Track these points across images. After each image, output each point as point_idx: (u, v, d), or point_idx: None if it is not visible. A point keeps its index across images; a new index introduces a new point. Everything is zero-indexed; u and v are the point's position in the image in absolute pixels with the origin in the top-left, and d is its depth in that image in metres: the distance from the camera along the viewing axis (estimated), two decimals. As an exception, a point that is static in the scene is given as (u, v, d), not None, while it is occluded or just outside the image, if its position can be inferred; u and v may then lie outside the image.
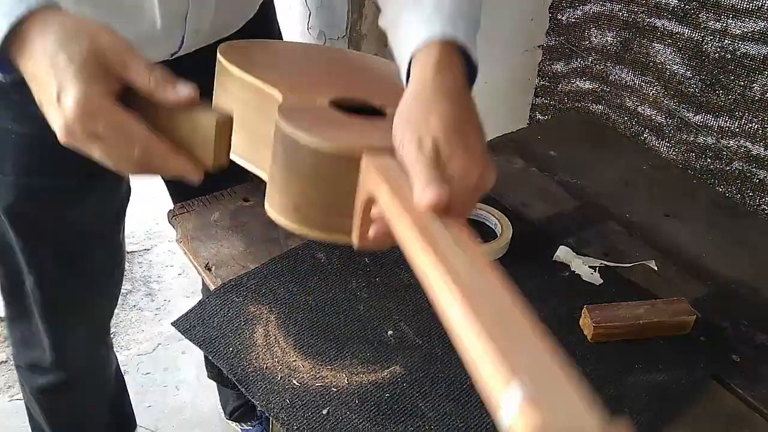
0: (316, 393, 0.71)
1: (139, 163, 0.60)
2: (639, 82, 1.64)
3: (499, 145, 1.18)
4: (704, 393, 0.76)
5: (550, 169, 1.13)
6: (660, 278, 0.91)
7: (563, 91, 1.84)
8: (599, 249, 0.95)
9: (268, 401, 0.71)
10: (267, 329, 0.78)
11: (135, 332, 1.95)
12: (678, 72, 1.54)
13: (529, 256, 0.91)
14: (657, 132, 1.64)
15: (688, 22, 1.48)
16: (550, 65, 1.84)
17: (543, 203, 1.04)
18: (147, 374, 1.84)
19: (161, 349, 1.91)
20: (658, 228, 1.01)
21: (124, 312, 1.99)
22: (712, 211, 1.06)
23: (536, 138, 1.21)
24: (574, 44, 1.75)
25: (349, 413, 0.69)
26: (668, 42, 1.54)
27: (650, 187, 1.11)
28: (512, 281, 0.44)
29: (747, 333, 0.84)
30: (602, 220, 1.01)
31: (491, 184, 0.58)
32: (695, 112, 1.55)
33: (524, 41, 1.82)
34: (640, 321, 0.79)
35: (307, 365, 0.74)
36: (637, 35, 1.59)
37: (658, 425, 0.71)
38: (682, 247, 0.98)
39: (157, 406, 1.76)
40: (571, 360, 0.36)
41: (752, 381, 0.77)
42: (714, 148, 1.54)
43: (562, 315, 0.83)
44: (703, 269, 0.94)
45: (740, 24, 1.40)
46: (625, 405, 0.72)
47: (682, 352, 0.79)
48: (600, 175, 1.12)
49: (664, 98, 1.60)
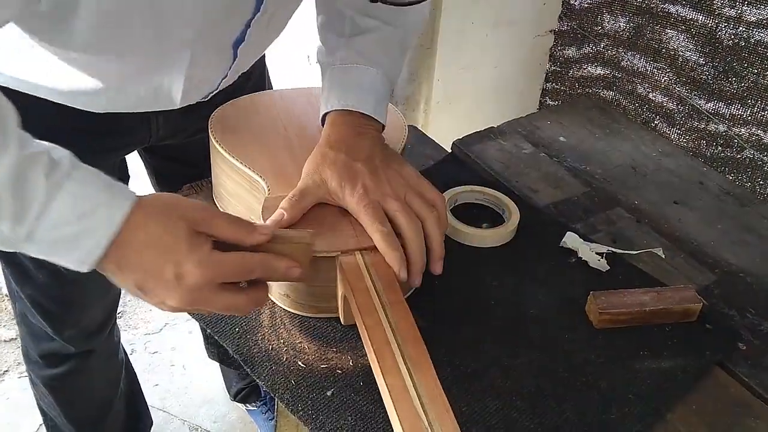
0: (322, 374, 0.72)
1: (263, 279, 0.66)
2: (651, 69, 1.63)
3: (508, 129, 1.17)
4: (710, 380, 0.76)
5: (558, 154, 1.12)
6: (667, 265, 0.91)
7: (574, 77, 1.83)
8: (607, 235, 0.95)
9: (274, 382, 0.71)
10: (273, 310, 0.79)
11: (143, 312, 1.97)
12: (691, 59, 1.53)
13: (537, 241, 0.91)
14: (668, 119, 1.63)
15: (703, 9, 1.47)
16: (562, 50, 1.83)
17: (551, 189, 1.04)
18: (154, 353, 1.85)
19: (168, 329, 1.93)
20: (666, 215, 1.01)
21: (133, 292, 2.00)
22: (721, 198, 1.06)
23: (546, 123, 1.20)
24: (586, 29, 1.73)
25: (354, 395, 0.70)
26: (681, 28, 1.52)
27: (659, 174, 1.10)
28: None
29: (753, 321, 0.84)
30: (610, 206, 1.01)
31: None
32: (707, 100, 1.54)
33: (536, 26, 1.80)
34: (646, 308, 0.79)
35: (312, 347, 0.75)
36: (650, 21, 1.58)
37: (663, 412, 0.71)
38: (690, 234, 0.98)
39: (164, 385, 1.77)
40: (577, 346, 0.36)
41: (758, 369, 0.77)
42: (725, 135, 1.53)
43: (568, 301, 0.82)
44: (710, 257, 0.94)
45: (755, 11, 1.39)
46: (630, 391, 0.72)
47: (688, 340, 0.79)
48: (609, 162, 1.12)
49: (676, 85, 1.58)
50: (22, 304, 1.08)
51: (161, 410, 1.71)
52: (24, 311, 1.10)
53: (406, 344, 0.63)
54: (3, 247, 0.60)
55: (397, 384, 0.60)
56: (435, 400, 0.58)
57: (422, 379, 0.60)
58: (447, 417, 0.57)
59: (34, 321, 1.09)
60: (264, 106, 0.93)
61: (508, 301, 0.82)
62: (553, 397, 0.71)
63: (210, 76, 0.86)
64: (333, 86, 0.83)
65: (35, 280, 1.01)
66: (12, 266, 1.02)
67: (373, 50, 0.85)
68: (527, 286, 0.84)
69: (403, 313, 0.66)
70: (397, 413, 0.57)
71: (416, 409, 0.57)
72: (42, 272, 1.00)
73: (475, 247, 0.89)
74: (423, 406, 0.58)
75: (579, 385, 0.73)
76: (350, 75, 0.83)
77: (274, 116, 0.91)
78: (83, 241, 0.59)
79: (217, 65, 0.84)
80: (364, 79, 0.83)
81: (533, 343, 0.77)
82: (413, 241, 0.72)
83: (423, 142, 1.13)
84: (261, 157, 0.82)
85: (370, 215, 0.72)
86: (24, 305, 1.08)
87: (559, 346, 0.77)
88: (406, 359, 0.62)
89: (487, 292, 0.83)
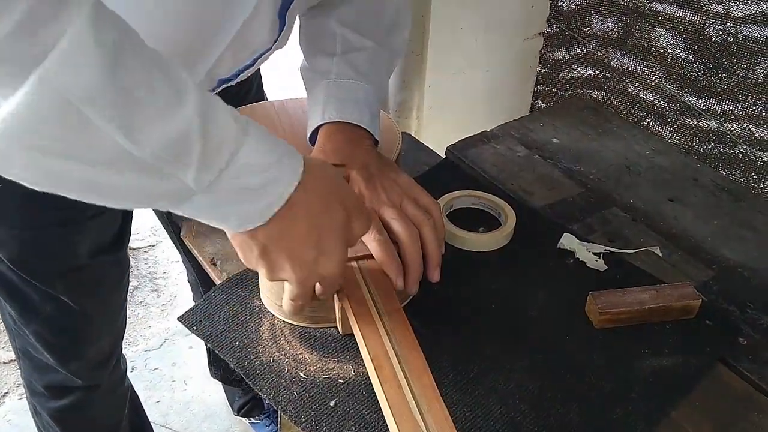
0: (324, 385, 0.71)
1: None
2: (641, 68, 1.63)
3: (501, 133, 1.18)
4: (711, 377, 0.76)
5: (552, 156, 1.12)
6: (665, 263, 0.91)
7: (565, 79, 1.83)
8: (603, 235, 0.95)
9: (276, 394, 0.71)
10: (273, 322, 0.78)
11: (142, 328, 1.96)
12: (680, 56, 1.54)
13: (534, 243, 0.91)
14: (660, 117, 1.64)
15: (690, 6, 1.48)
16: (551, 53, 1.83)
17: (546, 191, 1.04)
18: (155, 370, 1.85)
19: (168, 345, 1.92)
20: (662, 213, 1.01)
21: (131, 308, 1.99)
22: (716, 194, 1.06)
23: (538, 125, 1.21)
24: (575, 31, 1.74)
25: (357, 404, 0.69)
26: (670, 26, 1.53)
27: (653, 172, 1.10)
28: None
29: (753, 316, 0.84)
30: (606, 206, 1.01)
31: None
32: (698, 96, 1.54)
33: (525, 29, 1.81)
34: (645, 306, 0.79)
35: (313, 358, 0.74)
36: (639, 20, 1.58)
37: (665, 410, 0.71)
38: (687, 231, 0.98)
39: (165, 401, 1.77)
40: (578, 347, 0.36)
41: (759, 363, 0.77)
42: (717, 132, 1.53)
43: (567, 302, 0.82)
44: (707, 253, 0.94)
45: (742, 6, 1.40)
46: (632, 390, 0.72)
47: (689, 337, 0.79)
48: (603, 162, 1.12)
49: (667, 83, 1.59)
50: (24, 340, 1.06)
51: (164, 426, 1.70)
52: (26, 347, 1.08)
53: (403, 352, 0.63)
54: (170, 203, 0.53)
55: (395, 392, 0.60)
56: (433, 407, 0.58)
57: (420, 387, 0.60)
58: (446, 425, 0.57)
59: (38, 355, 1.07)
60: (262, 117, 0.93)
61: (507, 305, 0.82)
62: (555, 399, 0.71)
63: (255, 42, 0.79)
64: (329, 99, 0.83)
65: (41, 314, 1.00)
66: (16, 302, 0.99)
67: (367, 67, 0.86)
68: (526, 288, 0.84)
69: (400, 322, 0.66)
70: (395, 422, 0.57)
71: (415, 417, 0.57)
72: (50, 305, 0.99)
73: (472, 251, 0.89)
74: (421, 414, 0.58)
75: (581, 386, 0.73)
76: (346, 89, 0.84)
77: (273, 126, 0.91)
78: (270, 189, 0.56)
79: (267, 30, 0.78)
80: (360, 94, 0.84)
81: (534, 346, 0.77)
82: (410, 248, 0.72)
83: (417, 148, 1.13)
84: None
85: None
86: (26, 341, 1.06)
87: (560, 348, 0.77)
88: (403, 367, 0.62)
89: (486, 295, 0.83)
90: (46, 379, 1.12)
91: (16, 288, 0.97)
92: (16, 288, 0.97)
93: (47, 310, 0.99)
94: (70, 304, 1.00)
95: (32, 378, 1.14)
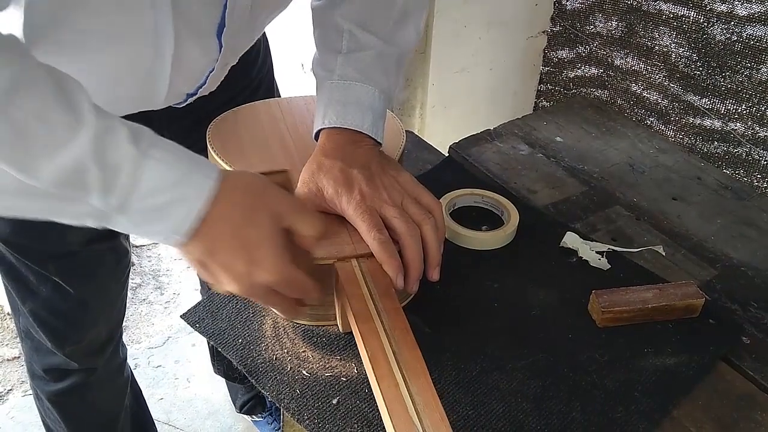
0: (326, 383, 0.72)
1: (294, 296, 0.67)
2: (644, 67, 1.63)
3: (504, 131, 1.18)
4: (714, 375, 0.76)
5: (556, 154, 1.12)
6: (668, 262, 0.91)
7: (568, 77, 1.83)
8: (606, 234, 0.95)
9: (279, 392, 0.71)
10: (276, 320, 0.79)
11: (145, 326, 1.96)
12: (683, 55, 1.54)
13: (537, 242, 0.91)
14: (663, 116, 1.64)
15: (693, 5, 1.47)
16: (555, 51, 1.83)
17: (549, 189, 1.04)
18: (158, 367, 1.85)
19: (172, 342, 1.92)
20: (665, 211, 1.01)
21: (134, 306, 2.00)
22: (720, 193, 1.06)
23: (542, 124, 1.21)
24: (578, 30, 1.74)
25: (359, 402, 0.70)
26: (673, 25, 1.53)
27: (657, 171, 1.10)
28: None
29: (756, 315, 0.84)
30: (609, 205, 1.01)
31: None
32: (701, 96, 1.54)
33: (528, 27, 1.81)
34: (648, 305, 0.79)
35: (316, 355, 0.75)
36: (642, 19, 1.58)
37: (669, 409, 0.71)
38: (690, 230, 0.98)
39: (168, 399, 1.77)
40: (581, 346, 0.36)
41: (762, 362, 0.77)
42: (721, 131, 1.53)
43: (570, 301, 0.83)
44: (711, 252, 0.94)
45: (746, 5, 1.39)
46: (635, 389, 0.72)
47: (692, 336, 0.79)
48: (606, 160, 1.12)
49: (670, 82, 1.59)
50: (25, 319, 1.08)
51: (167, 424, 1.70)
52: (27, 326, 1.10)
53: (401, 351, 0.63)
54: (95, 222, 0.59)
55: (392, 391, 0.59)
56: (430, 407, 0.58)
57: (418, 386, 0.60)
58: (442, 424, 0.57)
59: (37, 336, 1.09)
60: (263, 115, 0.93)
61: (510, 303, 0.82)
62: (558, 397, 0.71)
63: (197, 66, 0.83)
64: (331, 102, 0.83)
65: (38, 294, 1.01)
66: (14, 281, 1.02)
67: (372, 68, 0.84)
68: (529, 287, 0.84)
69: (399, 321, 0.66)
70: (391, 420, 0.57)
71: (411, 416, 0.57)
72: (45, 287, 1.00)
73: (475, 250, 0.89)
74: (418, 414, 0.57)
75: (584, 384, 0.73)
76: (348, 92, 0.83)
77: (274, 124, 0.91)
78: (176, 208, 0.58)
79: (202, 54, 0.81)
80: (363, 98, 0.83)
81: (537, 344, 0.77)
82: (410, 247, 0.72)
83: (420, 146, 1.13)
84: (260, 165, 0.82)
85: (366, 222, 0.72)
86: (27, 320, 1.08)
87: (563, 346, 0.77)
88: (401, 366, 0.62)
89: (488, 294, 0.83)
90: (45, 361, 1.14)
91: (13, 266, 0.99)
92: (13, 266, 0.99)
93: (43, 291, 1.01)
94: (65, 287, 1.01)
95: (33, 360, 1.16)
